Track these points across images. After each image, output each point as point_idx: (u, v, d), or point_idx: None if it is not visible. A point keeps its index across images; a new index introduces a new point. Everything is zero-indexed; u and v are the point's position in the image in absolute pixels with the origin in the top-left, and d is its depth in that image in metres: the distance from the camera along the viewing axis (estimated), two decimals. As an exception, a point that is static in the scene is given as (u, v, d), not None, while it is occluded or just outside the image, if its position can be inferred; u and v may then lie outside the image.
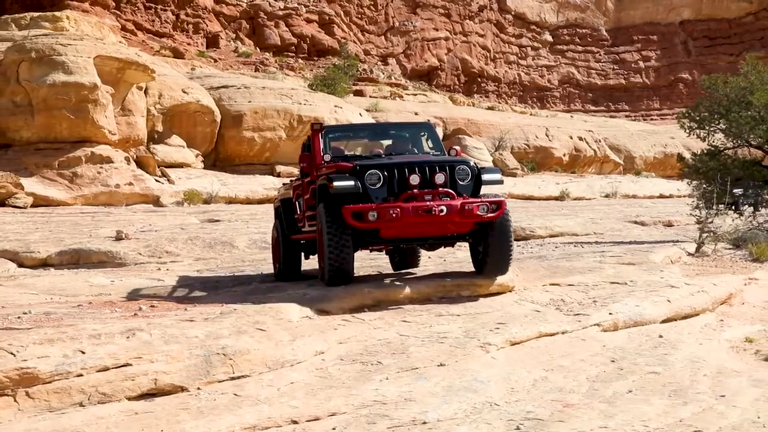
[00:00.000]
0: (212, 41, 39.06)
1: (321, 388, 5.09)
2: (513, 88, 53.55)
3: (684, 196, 21.68)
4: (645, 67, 56.44)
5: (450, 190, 6.83)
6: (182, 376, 4.83)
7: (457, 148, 8.46)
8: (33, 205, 17.59)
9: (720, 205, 15.33)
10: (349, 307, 6.68)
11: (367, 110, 31.56)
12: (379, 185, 6.82)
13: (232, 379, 5.03)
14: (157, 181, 21.94)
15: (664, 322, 7.22)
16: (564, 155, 38.36)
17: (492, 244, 6.94)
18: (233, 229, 13.64)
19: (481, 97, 51.13)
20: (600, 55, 56.52)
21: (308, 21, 44.97)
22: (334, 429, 4.59)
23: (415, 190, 6.76)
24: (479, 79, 51.98)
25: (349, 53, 43.27)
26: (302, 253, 8.59)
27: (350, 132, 9.33)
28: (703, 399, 5.09)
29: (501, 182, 7.18)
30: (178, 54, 33.07)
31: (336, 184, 6.73)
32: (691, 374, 5.63)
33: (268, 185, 23.77)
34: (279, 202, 9.11)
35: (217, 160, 26.15)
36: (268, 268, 10.31)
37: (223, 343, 5.20)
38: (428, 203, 6.65)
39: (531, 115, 44.92)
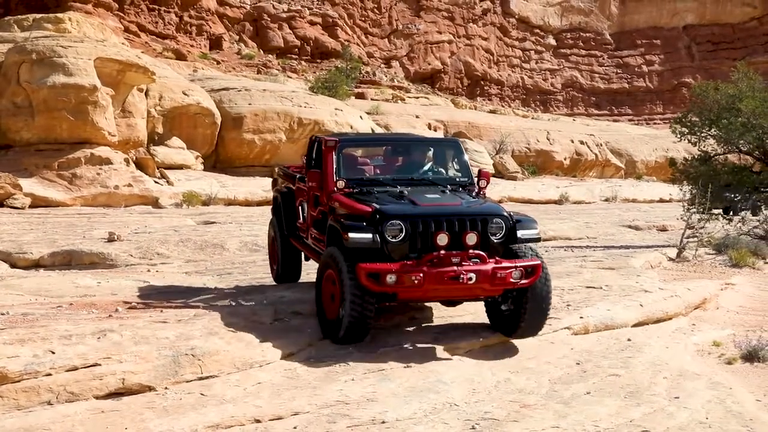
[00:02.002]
0: (215, 43, 39.34)
1: (287, 389, 5.25)
2: (516, 92, 53.68)
3: (680, 201, 21.76)
4: (648, 71, 56.49)
5: (481, 252, 5.92)
6: (150, 376, 4.99)
7: (484, 168, 7.37)
8: (33, 206, 17.79)
9: (712, 211, 15.46)
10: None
11: (368, 113, 31.69)
12: (400, 238, 5.92)
13: (200, 379, 5.19)
14: (156, 182, 22.11)
15: (635, 326, 7.36)
16: (565, 159, 38.42)
17: (528, 309, 6.11)
18: (226, 231, 13.81)
19: (484, 100, 51.26)
20: (603, 59, 56.61)
21: (312, 23, 45.20)
22: (295, 428, 4.75)
23: (442, 252, 5.84)
24: (482, 83, 52.13)
25: (352, 56, 43.47)
26: (302, 254, 7.98)
27: (368, 146, 8.22)
28: (657, 400, 5.23)
29: (538, 239, 6.33)
30: (180, 56, 33.33)
31: (352, 236, 5.88)
32: (651, 377, 5.77)
33: (268, 187, 23.91)
34: (278, 193, 8.45)
35: (217, 162, 26.33)
36: (256, 270, 10.47)
37: (192, 344, 5.37)
38: (455, 269, 5.75)
39: (533, 118, 45.01)
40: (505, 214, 6.22)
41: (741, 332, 7.33)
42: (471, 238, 5.96)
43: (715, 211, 15.67)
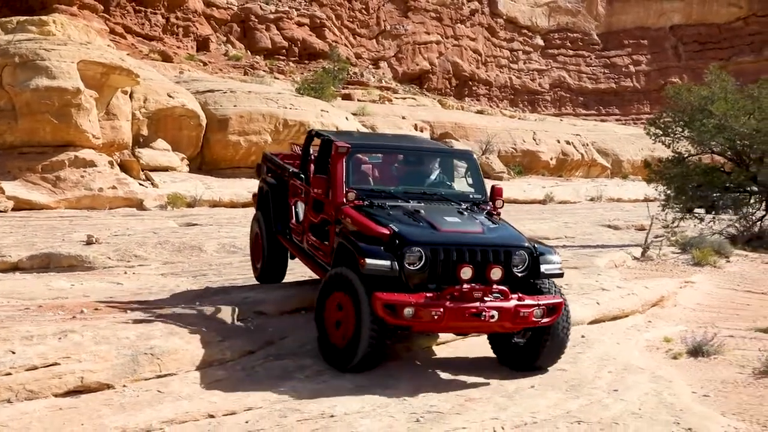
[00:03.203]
0: (203, 44, 39.45)
1: (243, 386, 5.46)
2: (504, 92, 53.97)
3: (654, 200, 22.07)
4: (635, 71, 56.87)
5: (504, 288, 5.61)
6: (109, 374, 5.19)
7: (497, 184, 6.96)
8: (16, 209, 17.92)
9: (694, 210, 15.75)
10: (287, 309, 7.04)
11: (354, 114, 31.90)
12: (419, 266, 5.57)
13: (159, 377, 5.40)
14: (140, 184, 22.25)
15: (592, 323, 7.60)
16: (551, 159, 38.71)
17: (546, 348, 5.88)
18: (205, 233, 13.99)
19: (472, 100, 51.52)
20: (591, 59, 56.96)
21: (299, 24, 45.35)
22: (247, 422, 4.96)
23: (465, 286, 5.50)
24: (470, 83, 52.39)
25: (339, 56, 43.64)
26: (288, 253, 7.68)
27: (380, 152, 7.28)
28: (596, 393, 5.47)
29: (561, 275, 6.02)
30: (166, 57, 33.44)
31: (369, 262, 5.49)
32: (596, 371, 6.01)
33: (253, 189, 24.04)
34: (265, 185, 7.95)
35: (202, 164, 26.46)
36: (231, 272, 10.69)
37: (152, 343, 5.57)
38: (478, 306, 5.43)
39: (519, 119, 45.31)
40: (528, 245, 5.91)
41: (693, 328, 7.57)
42: (495, 273, 5.63)
43: (698, 211, 16.01)
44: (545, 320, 5.67)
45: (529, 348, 5.97)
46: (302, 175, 7.28)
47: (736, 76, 38.60)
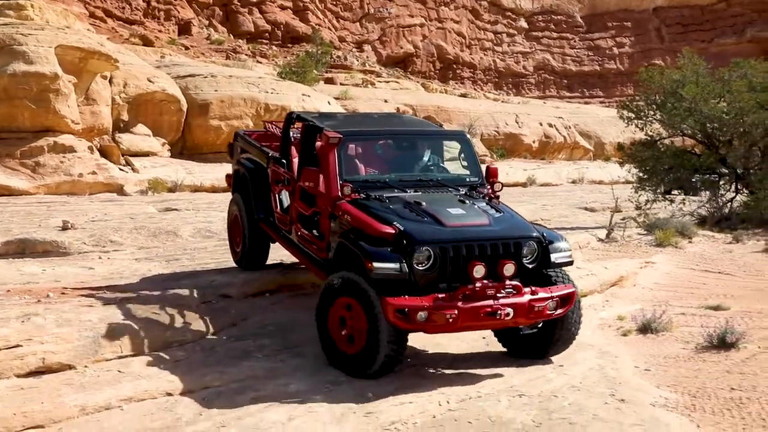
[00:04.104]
0: (184, 28, 39.25)
1: (202, 365, 5.65)
2: (488, 75, 54.07)
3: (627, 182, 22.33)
4: (619, 53, 57.07)
5: (517, 283, 5.41)
6: (70, 355, 5.37)
7: (493, 165, 6.78)
8: (-5, 195, 17.92)
9: (672, 192, 16.00)
10: (251, 292, 7.23)
11: (336, 98, 31.94)
12: (427, 265, 5.34)
13: (120, 358, 5.58)
14: (121, 170, 22.27)
15: (550, 304, 7.80)
16: (533, 142, 38.93)
17: (559, 337, 5.81)
18: (182, 218, 14.09)
19: (456, 83, 51.60)
20: (575, 41, 57.08)
21: (282, 8, 45.18)
22: (204, 399, 5.16)
23: (478, 284, 5.28)
24: (455, 66, 52.43)
25: (322, 40, 43.54)
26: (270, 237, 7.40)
27: (371, 140, 6.82)
28: (543, 369, 5.71)
29: (571, 263, 5.84)
30: (147, 42, 33.28)
31: (378, 266, 5.23)
32: (546, 349, 6.21)
33: (234, 174, 24.17)
34: (242, 168, 7.58)
35: (184, 149, 26.47)
36: (204, 256, 10.78)
37: (114, 325, 5.75)
38: (492, 305, 5.23)
39: (503, 102, 45.46)
40: (537, 234, 5.69)
41: (648, 307, 7.82)
42: (509, 269, 5.38)
43: (676, 193, 16.28)
44: (559, 312, 5.52)
45: (539, 338, 5.84)
46: (283, 161, 6.97)
47: (718, 57, 38.83)
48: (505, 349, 6.11)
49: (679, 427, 4.67)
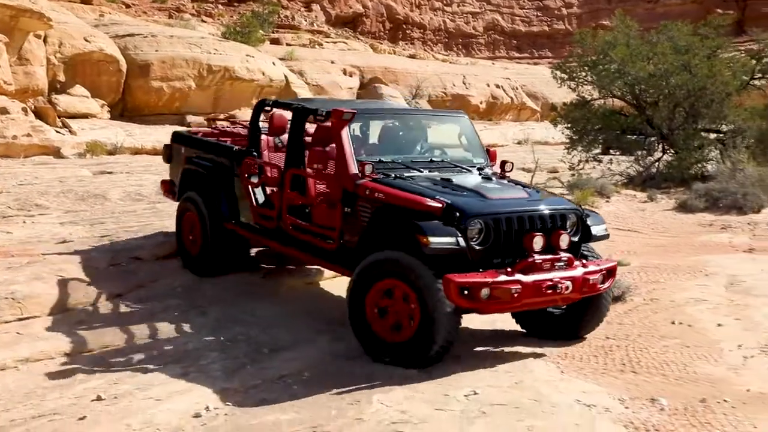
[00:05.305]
0: (127, -14, 38.22)
1: (103, 326, 5.77)
2: (438, 35, 53.99)
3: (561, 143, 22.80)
4: (567, 14, 57.49)
5: (569, 255, 5.19)
6: (-32, 317, 5.43)
7: (492, 149, 6.62)
8: (-77, 159, 17.47)
9: (606, 150, 16.40)
10: (162, 254, 7.32)
11: (281, 59, 31.62)
12: (480, 239, 5.01)
13: (20, 320, 5.66)
14: (57, 132, 21.83)
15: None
16: (481, 103, 39.23)
17: (592, 314, 5.60)
18: (113, 181, 13.99)
19: (406, 44, 51.39)
20: (524, 2, 57.26)
21: (229, -35, 44.23)
22: (102, 357, 5.29)
23: (537, 257, 5.03)
24: (404, 26, 52.20)
25: (270, -1, 42.87)
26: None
27: (379, 119, 6.45)
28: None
29: (608, 236, 5.68)
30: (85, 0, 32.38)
31: (433, 240, 4.80)
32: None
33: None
34: (196, 166, 7.06)
35: (124, 111, 26.03)
36: (129, 219, 10.75)
37: (14, 288, 5.82)
38: (552, 278, 4.98)
39: (450, 63, 45.55)
40: (576, 207, 5.55)
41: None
42: (564, 240, 5.17)
43: (613, 154, 16.72)
44: (605, 285, 5.34)
45: (569, 317, 5.63)
46: (254, 153, 6.57)
47: (663, 18, 39.28)
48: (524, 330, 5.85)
49: (546, 372, 4.98)
